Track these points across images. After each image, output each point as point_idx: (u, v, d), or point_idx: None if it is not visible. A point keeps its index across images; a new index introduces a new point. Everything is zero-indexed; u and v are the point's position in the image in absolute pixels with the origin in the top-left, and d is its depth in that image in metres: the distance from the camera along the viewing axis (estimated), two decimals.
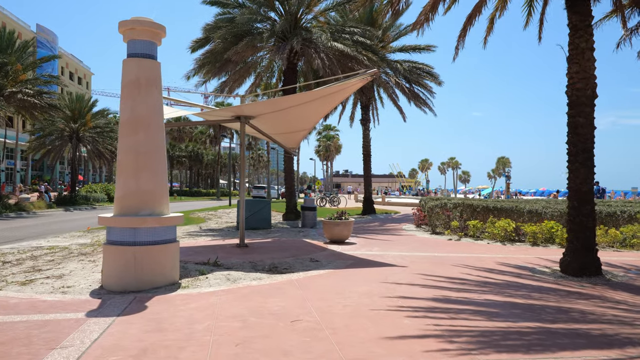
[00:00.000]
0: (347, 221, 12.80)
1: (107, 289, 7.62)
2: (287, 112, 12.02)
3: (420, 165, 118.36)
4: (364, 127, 25.61)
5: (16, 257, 11.62)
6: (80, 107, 36.67)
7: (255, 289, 7.49)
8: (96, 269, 9.58)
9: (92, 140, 37.93)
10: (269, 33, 18.18)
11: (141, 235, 7.60)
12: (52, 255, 11.83)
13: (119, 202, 7.88)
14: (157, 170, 8.00)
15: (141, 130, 7.87)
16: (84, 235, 16.72)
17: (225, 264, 9.66)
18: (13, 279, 8.79)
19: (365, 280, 8.08)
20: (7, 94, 27.82)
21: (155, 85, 8.09)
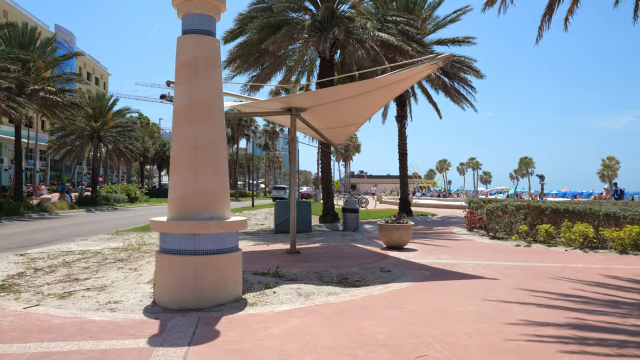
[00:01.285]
0: (407, 225, 11.57)
1: (162, 305, 6.48)
2: (340, 104, 10.84)
3: (439, 165, 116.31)
4: (399, 125, 24.33)
5: (47, 263, 10.58)
6: (101, 105, 35.85)
7: (338, 308, 6.30)
8: (140, 279, 8.47)
9: (114, 139, 37.06)
10: (311, 21, 17.01)
11: (203, 242, 6.45)
12: (85, 261, 10.77)
13: (175, 204, 6.73)
14: (218, 165, 6.84)
15: (200, 119, 6.72)
16: (113, 238, 15.69)
17: (286, 274, 8.48)
18: (50, 290, 7.72)
19: (462, 296, 6.85)
20: (30, 92, 26.99)
21: (215, 67, 6.94)
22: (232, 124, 64.01)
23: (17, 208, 25.86)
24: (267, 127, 74.22)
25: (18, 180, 29.21)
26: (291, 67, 21.13)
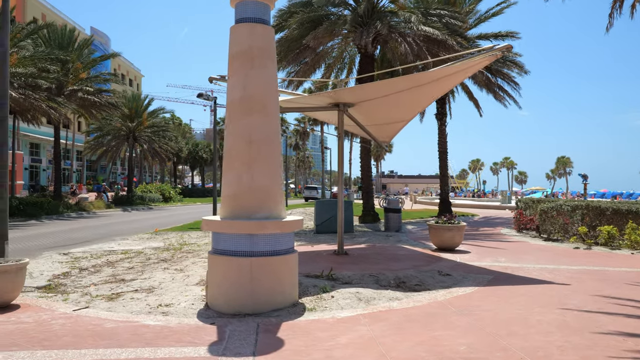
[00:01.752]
0: (459, 225, 11.01)
1: (216, 309, 6.13)
2: (389, 99, 10.35)
3: (471, 165, 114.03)
4: (439, 122, 23.63)
5: (91, 262, 10.42)
6: (137, 106, 36.17)
7: (404, 315, 5.84)
8: (188, 280, 8.17)
9: (149, 139, 37.33)
10: (352, 16, 16.56)
11: (259, 243, 6.07)
12: (129, 261, 10.58)
13: (229, 202, 6.37)
14: (273, 161, 6.46)
15: (256, 112, 6.35)
16: (152, 237, 15.57)
17: (340, 277, 8.05)
18: (97, 291, 7.48)
19: (536, 303, 6.30)
20: (68, 92, 27.32)
21: (270, 57, 6.56)
22: None
23: (57, 207, 26.19)
24: (297, 127, 73.97)
25: (57, 180, 29.62)
26: (330, 64, 20.72)
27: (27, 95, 21.90)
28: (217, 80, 12.03)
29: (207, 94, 20.25)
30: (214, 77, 12.03)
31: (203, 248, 12.59)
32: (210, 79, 12.12)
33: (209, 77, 12.17)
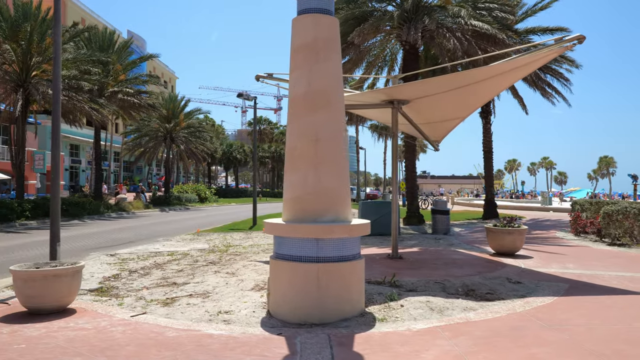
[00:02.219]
0: (520, 229, 10.39)
1: (279, 318, 5.76)
2: (445, 95, 9.84)
3: (507, 165, 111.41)
4: (484, 121, 22.86)
5: (139, 264, 10.23)
6: (174, 107, 36.41)
7: (487, 328, 5.34)
8: (243, 285, 7.84)
9: (186, 140, 37.55)
10: (399, 12, 16.06)
11: (326, 248, 5.67)
12: (177, 263, 10.35)
13: (292, 205, 6.00)
14: (340, 161, 6.06)
15: (321, 109, 5.96)
16: (195, 238, 15.40)
17: (404, 283, 7.59)
18: (151, 296, 7.22)
19: (633, 317, 5.72)
20: (109, 94, 27.62)
21: (336, 49, 6.16)
22: None
23: (98, 207, 26.48)
24: None
25: (98, 181, 30.00)
26: (371, 61, 20.23)
27: (71, 96, 22.16)
28: (264, 78, 11.73)
29: (247, 94, 20.04)
30: (261, 75, 11.74)
31: (249, 250, 12.30)
32: (257, 77, 11.83)
33: (255, 76, 11.88)
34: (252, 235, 16.24)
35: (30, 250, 12.89)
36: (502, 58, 10.08)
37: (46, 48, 21.96)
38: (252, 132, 78.81)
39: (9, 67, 21.65)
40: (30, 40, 20.91)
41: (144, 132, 36.39)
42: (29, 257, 11.77)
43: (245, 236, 16.05)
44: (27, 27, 20.52)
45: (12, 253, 12.36)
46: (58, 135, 8.84)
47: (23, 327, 5.57)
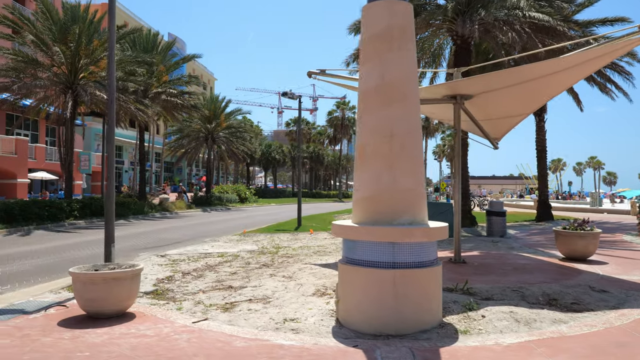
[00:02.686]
0: (594, 233, 9.66)
1: (351, 327, 5.34)
2: (512, 90, 9.22)
3: (552, 165, 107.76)
4: (538, 118, 21.85)
5: (191, 266, 10.01)
6: (215, 107, 36.57)
7: (589, 345, 4.77)
8: (303, 290, 7.45)
9: (227, 140, 37.66)
10: (453, 4, 15.42)
11: (403, 253, 5.22)
12: (229, 265, 10.08)
13: (364, 206, 5.57)
14: (416, 158, 5.60)
15: (396, 102, 5.51)
16: (242, 239, 15.17)
17: (477, 291, 7.05)
18: (209, 300, 6.92)
19: None
20: (153, 95, 27.87)
21: (411, 38, 5.69)
22: (335, 124, 63.53)
23: (142, 207, 26.75)
24: None
25: (142, 181, 30.36)
26: (419, 56, 19.55)
27: (118, 97, 22.37)
28: (316, 74, 11.37)
29: (291, 93, 19.77)
30: (313, 71, 11.38)
31: (300, 252, 11.95)
32: (309, 73, 11.48)
33: (307, 72, 11.53)
34: (299, 237, 15.91)
35: (81, 250, 12.90)
36: (562, 51, 9.44)
37: (93, 50, 22.26)
38: (289, 132, 78.96)
39: (58, 69, 22.03)
40: (78, 43, 21.22)
41: (186, 132, 36.66)
42: (81, 257, 11.75)
43: (293, 237, 15.73)
44: (76, 29, 20.82)
45: (64, 253, 12.38)
46: (112, 137, 8.68)
47: (84, 333, 5.33)
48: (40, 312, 6.33)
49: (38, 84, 20.91)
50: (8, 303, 6.84)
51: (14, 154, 28.78)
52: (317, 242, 14.45)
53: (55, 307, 6.58)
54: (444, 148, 79.15)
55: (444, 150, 79.74)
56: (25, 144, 29.70)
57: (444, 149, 79.43)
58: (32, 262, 10.86)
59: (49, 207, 20.48)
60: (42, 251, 12.55)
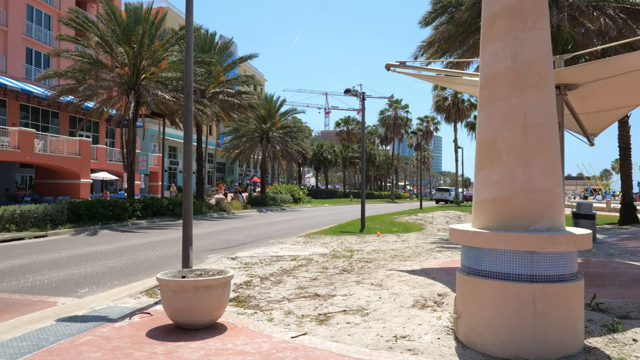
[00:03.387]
0: None
1: (478, 349, 4.60)
2: (624, 78, 8.20)
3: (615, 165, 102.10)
4: None
5: (266, 270, 9.50)
6: (270, 107, 36.39)
7: None
8: (400, 300, 6.75)
9: (282, 140, 37.41)
10: None
11: (542, 264, 4.45)
12: (306, 269, 9.52)
13: (491, 208, 4.82)
14: (554, 154, 4.79)
15: (530, 88, 4.73)
16: (309, 242, 14.63)
17: (608, 307, 6.14)
18: (299, 310, 6.35)
19: None
20: (210, 95, 27.87)
21: (546, 14, 4.90)
22: (387, 123, 62.39)
23: (200, 208, 26.76)
24: (420, 125, 71.26)
25: (199, 181, 30.46)
26: None
27: (177, 97, 22.39)
28: (395, 67, 10.64)
29: (354, 90, 19.09)
30: (392, 63, 10.66)
31: (376, 256, 11.25)
32: (388, 66, 10.77)
33: (386, 65, 10.82)
34: (367, 239, 15.23)
35: (150, 251, 12.67)
36: None
37: (155, 51, 22.33)
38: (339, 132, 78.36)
39: (120, 71, 22.24)
40: (141, 44, 21.32)
41: (242, 132, 36.62)
42: (151, 259, 11.49)
43: (361, 240, 15.06)
44: (139, 30, 20.92)
45: (134, 254, 12.17)
46: (190, 140, 8.27)
47: (178, 347, 4.84)
48: (125, 319, 5.93)
49: (102, 85, 21.15)
50: (89, 309, 6.50)
51: (77, 154, 29.47)
52: (388, 245, 13.73)
53: (138, 314, 6.17)
54: None
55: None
56: (88, 145, 30.38)
57: None
58: (105, 263, 10.66)
59: (112, 207, 20.64)
60: (113, 252, 12.40)
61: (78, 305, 6.77)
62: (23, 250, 12.45)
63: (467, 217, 27.62)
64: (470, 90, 11.84)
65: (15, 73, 30.40)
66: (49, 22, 34.37)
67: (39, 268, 9.84)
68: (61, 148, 28.49)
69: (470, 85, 10.48)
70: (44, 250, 12.56)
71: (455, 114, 42.18)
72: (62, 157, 28.09)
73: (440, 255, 11.35)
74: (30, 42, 32.19)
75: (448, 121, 43.37)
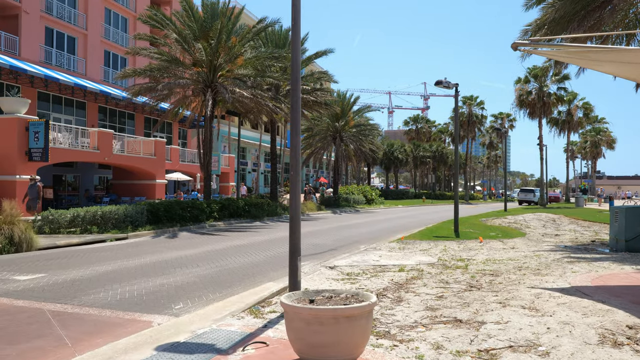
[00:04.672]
0: None
1: None
2: None
3: None
4: None
5: (374, 283, 8.22)
6: (344, 105, 35.14)
7: None
8: (577, 333, 5.21)
9: (355, 139, 36.04)
10: None
11: None
12: (422, 283, 8.14)
13: None
14: None
15: None
16: (405, 247, 13.21)
17: None
18: (449, 343, 4.98)
19: None
20: (285, 92, 26.99)
21: None
22: (461, 121, 59.46)
23: (275, 209, 25.92)
24: (494, 123, 67.55)
25: (274, 182, 29.75)
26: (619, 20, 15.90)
27: (255, 95, 21.57)
28: (524, 45, 9.00)
29: (446, 81, 17.43)
30: (521, 42, 9.03)
31: (495, 268, 9.64)
32: (515, 45, 9.13)
33: (512, 44, 9.20)
34: (470, 246, 13.60)
35: (237, 257, 11.68)
36: None
37: (231, 47, 21.63)
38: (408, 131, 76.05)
39: (197, 68, 21.70)
40: (219, 39, 20.64)
41: (315, 131, 35.59)
42: (240, 266, 10.44)
43: (462, 246, 13.45)
44: (217, 25, 20.25)
45: (220, 260, 11.20)
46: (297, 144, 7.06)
47: None
48: (236, 350, 4.80)
49: (180, 83, 20.65)
50: (190, 332, 5.42)
51: (153, 155, 29.47)
52: (499, 253, 12.03)
53: (252, 344, 5.00)
54: (585, 145, 71.12)
55: (584, 147, 71.69)
56: (163, 146, 30.36)
57: (585, 145, 71.35)
58: (193, 271, 9.71)
59: (190, 208, 20.06)
60: (199, 258, 11.50)
61: (176, 327, 5.71)
62: (106, 255, 11.81)
63: (562, 220, 25.11)
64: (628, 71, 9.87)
65: (94, 75, 30.91)
66: (125, 24, 34.86)
67: (125, 276, 9.01)
68: (138, 149, 28.56)
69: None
70: (128, 254, 11.86)
71: (540, 109, 39.09)
72: (138, 157, 28.14)
73: (577, 268, 9.57)
74: (108, 45, 32.70)
75: (532, 117, 40.26)
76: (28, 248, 12.62)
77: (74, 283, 8.29)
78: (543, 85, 38.95)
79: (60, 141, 21.85)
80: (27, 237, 12.72)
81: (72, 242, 14.02)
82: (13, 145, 19.54)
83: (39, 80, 24.78)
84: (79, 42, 30.41)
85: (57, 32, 28.92)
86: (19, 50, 25.92)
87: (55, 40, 28.86)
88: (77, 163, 29.67)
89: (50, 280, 8.54)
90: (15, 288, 7.87)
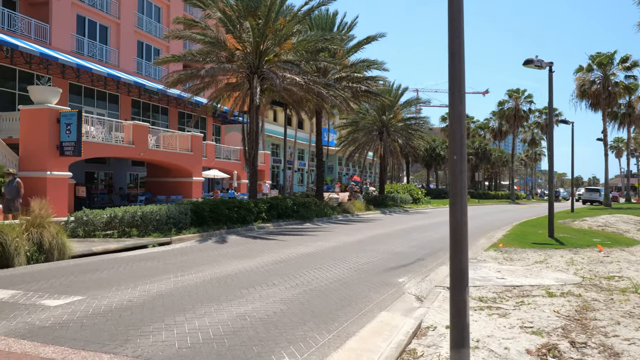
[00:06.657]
0: None
1: None
2: None
3: None
4: None
5: (528, 313, 5.80)
6: (392, 96, 32.52)
7: None
8: None
9: (404, 134, 33.36)
10: None
11: None
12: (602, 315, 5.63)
13: None
14: None
15: None
16: (511, 258, 10.73)
17: None
18: None
19: None
20: (334, 80, 24.61)
21: None
22: (507, 115, 55.92)
23: (323, 209, 23.63)
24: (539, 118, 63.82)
25: (319, 180, 27.51)
26: None
27: (307, 81, 19.23)
28: None
29: (538, 60, 14.83)
30: None
31: None
32: None
33: None
34: (592, 256, 11.04)
35: (315, 271, 9.31)
36: None
37: (279, 29, 19.37)
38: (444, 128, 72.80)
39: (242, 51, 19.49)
40: (267, 18, 18.35)
41: (360, 125, 33.00)
42: (326, 286, 8.06)
43: (585, 257, 10.92)
44: (267, 1, 17.98)
45: (296, 275, 8.84)
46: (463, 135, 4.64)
47: None
48: None
49: (225, 67, 18.43)
50: None
51: (190, 150, 27.46)
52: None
53: None
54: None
55: None
56: (200, 141, 28.32)
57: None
58: (271, 292, 7.42)
59: (237, 208, 17.85)
60: (267, 271, 9.22)
61: None
62: (153, 266, 9.60)
63: None
64: None
65: (127, 67, 29.12)
66: (159, 14, 33.03)
67: (187, 301, 6.74)
68: (174, 144, 26.57)
69: None
70: (179, 266, 9.62)
71: (605, 100, 35.65)
72: (175, 153, 26.14)
73: None
74: (141, 35, 30.89)
75: (595, 108, 36.78)
76: (60, 256, 10.55)
77: (121, 314, 6.05)
78: (608, 73, 35.59)
79: (94, 135, 19.89)
80: (58, 242, 10.64)
81: (110, 249, 11.93)
82: (43, 139, 17.61)
83: (71, 70, 22.96)
84: (112, 31, 28.62)
85: (89, 21, 27.15)
86: (50, 39, 24.16)
87: (87, 29, 27.09)
88: (110, 159, 27.89)
89: (90, 307, 6.33)
90: (44, 322, 5.68)
